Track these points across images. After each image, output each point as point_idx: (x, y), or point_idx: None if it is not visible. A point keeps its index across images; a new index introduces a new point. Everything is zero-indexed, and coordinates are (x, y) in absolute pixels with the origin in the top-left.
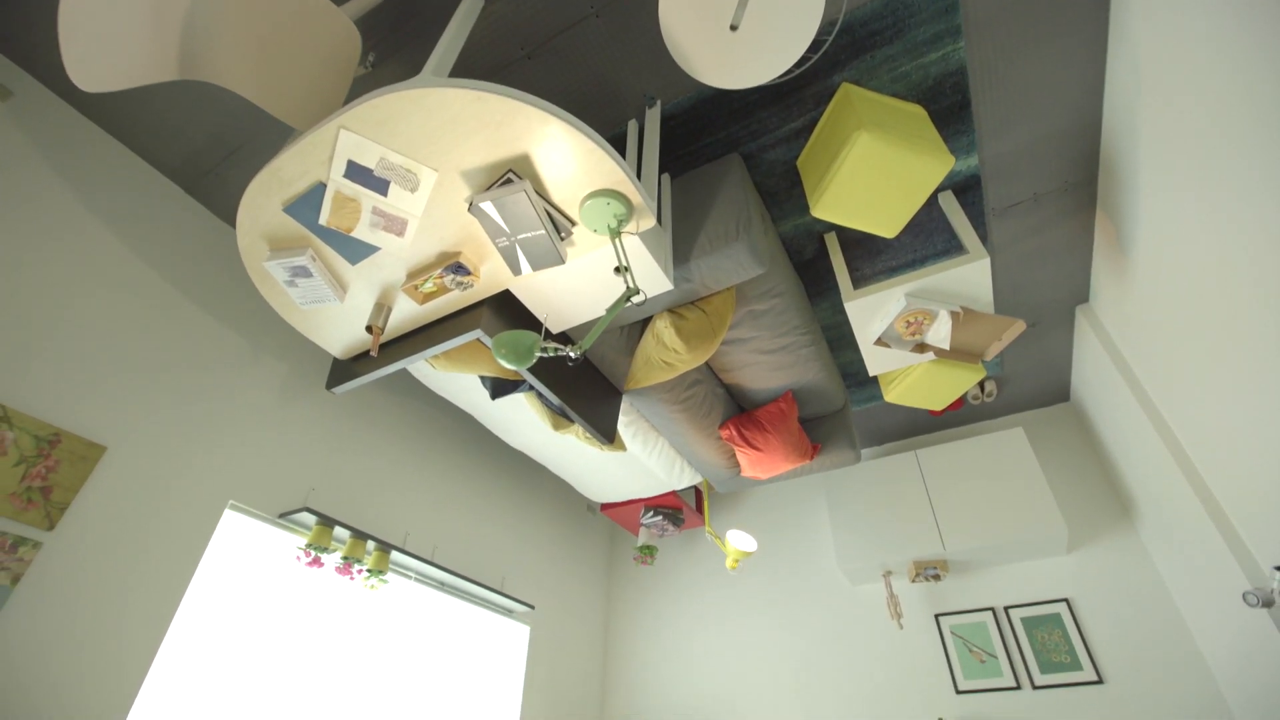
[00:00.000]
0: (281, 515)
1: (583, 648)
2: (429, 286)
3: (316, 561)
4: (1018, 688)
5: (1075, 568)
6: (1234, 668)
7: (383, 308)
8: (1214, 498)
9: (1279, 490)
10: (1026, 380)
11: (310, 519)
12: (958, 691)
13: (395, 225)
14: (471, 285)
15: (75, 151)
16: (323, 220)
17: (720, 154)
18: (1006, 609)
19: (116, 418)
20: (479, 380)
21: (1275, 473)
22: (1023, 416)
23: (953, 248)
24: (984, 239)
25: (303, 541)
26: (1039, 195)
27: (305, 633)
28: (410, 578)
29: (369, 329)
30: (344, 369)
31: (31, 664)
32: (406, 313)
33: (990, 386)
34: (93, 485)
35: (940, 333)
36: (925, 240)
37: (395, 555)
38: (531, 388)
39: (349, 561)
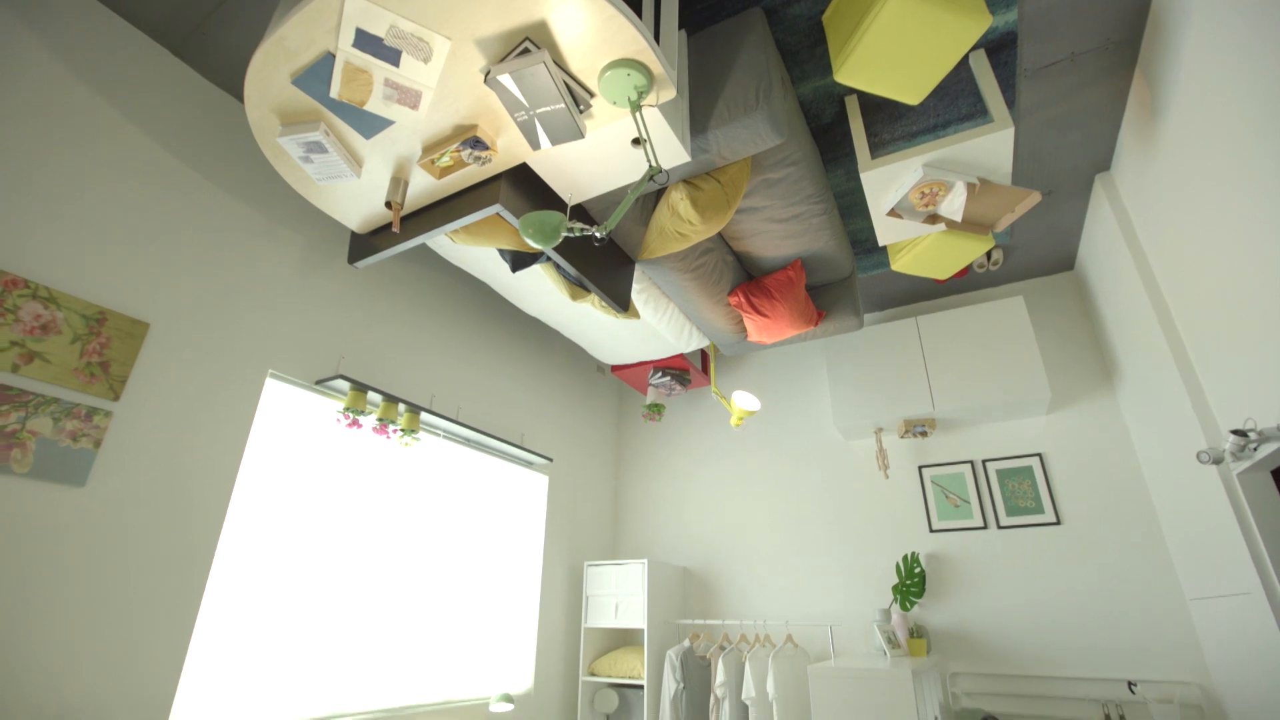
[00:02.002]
0: (318, 382)
1: (596, 495)
2: (446, 161)
3: (355, 423)
4: (985, 527)
5: (1053, 426)
6: (1178, 516)
7: (399, 182)
8: (1191, 366)
9: (1252, 363)
10: (1034, 248)
11: (344, 385)
12: (931, 530)
13: (409, 98)
14: (489, 160)
15: (50, 9)
16: (334, 93)
17: (741, 8)
18: (984, 462)
19: (155, 295)
20: (496, 251)
21: (1252, 348)
22: (1025, 284)
23: (977, 112)
24: (1011, 103)
25: (340, 406)
26: (1077, 55)
27: (352, 487)
28: (439, 435)
29: (388, 205)
30: (363, 243)
31: (124, 516)
32: (423, 187)
33: (997, 255)
34: (145, 359)
35: (954, 204)
36: (949, 104)
37: (424, 416)
38: (549, 258)
39: (384, 423)
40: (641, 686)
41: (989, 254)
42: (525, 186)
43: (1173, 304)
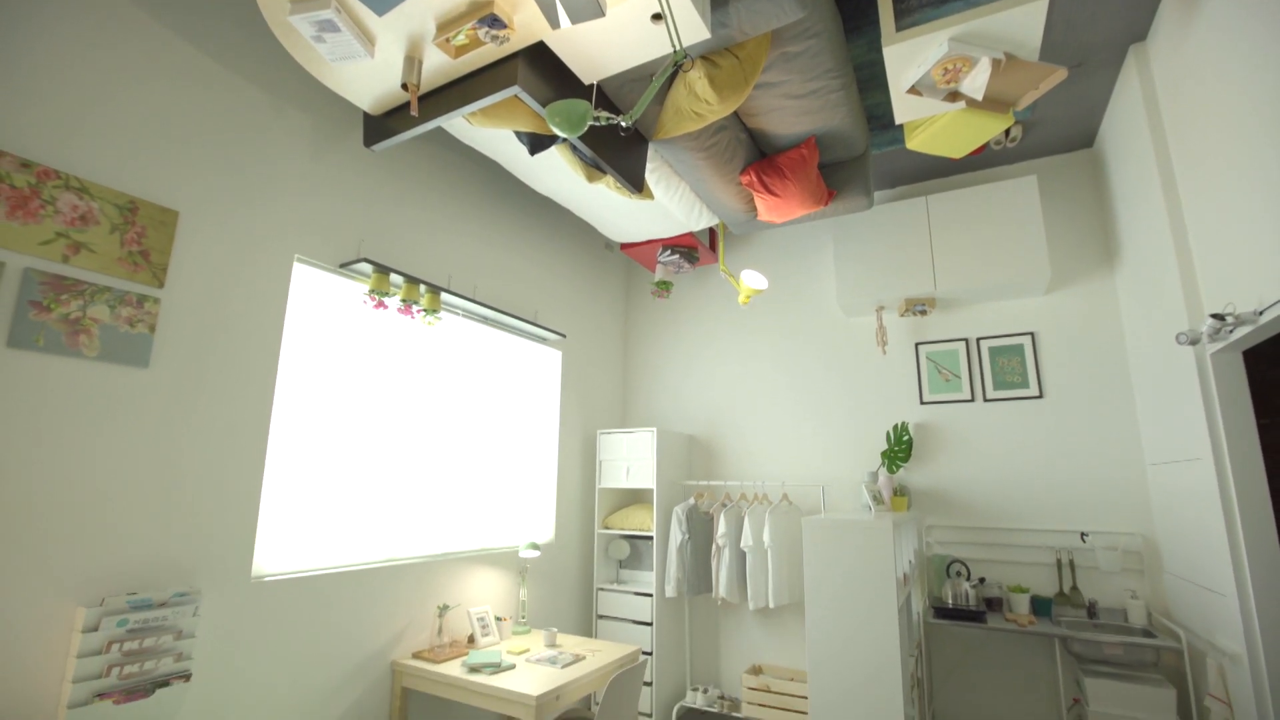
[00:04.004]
0: (342, 265)
1: (607, 368)
2: (461, 40)
3: (381, 304)
4: (971, 400)
5: (1048, 306)
6: (1152, 392)
7: (414, 62)
8: (1190, 250)
9: (1247, 250)
10: (1055, 124)
11: (368, 267)
12: (922, 402)
13: None
14: (506, 40)
15: None
16: None
17: None
18: (978, 340)
19: (179, 181)
20: (513, 133)
21: (1249, 235)
22: (1042, 162)
23: None
24: None
25: (365, 288)
26: None
27: (386, 364)
28: (458, 314)
29: (405, 86)
30: (378, 125)
31: (188, 392)
32: (438, 67)
33: (1016, 132)
34: (180, 246)
35: (977, 81)
36: None
37: (444, 296)
38: (564, 139)
39: (407, 303)
40: (651, 537)
41: (1007, 131)
42: (542, 66)
43: (1182, 186)
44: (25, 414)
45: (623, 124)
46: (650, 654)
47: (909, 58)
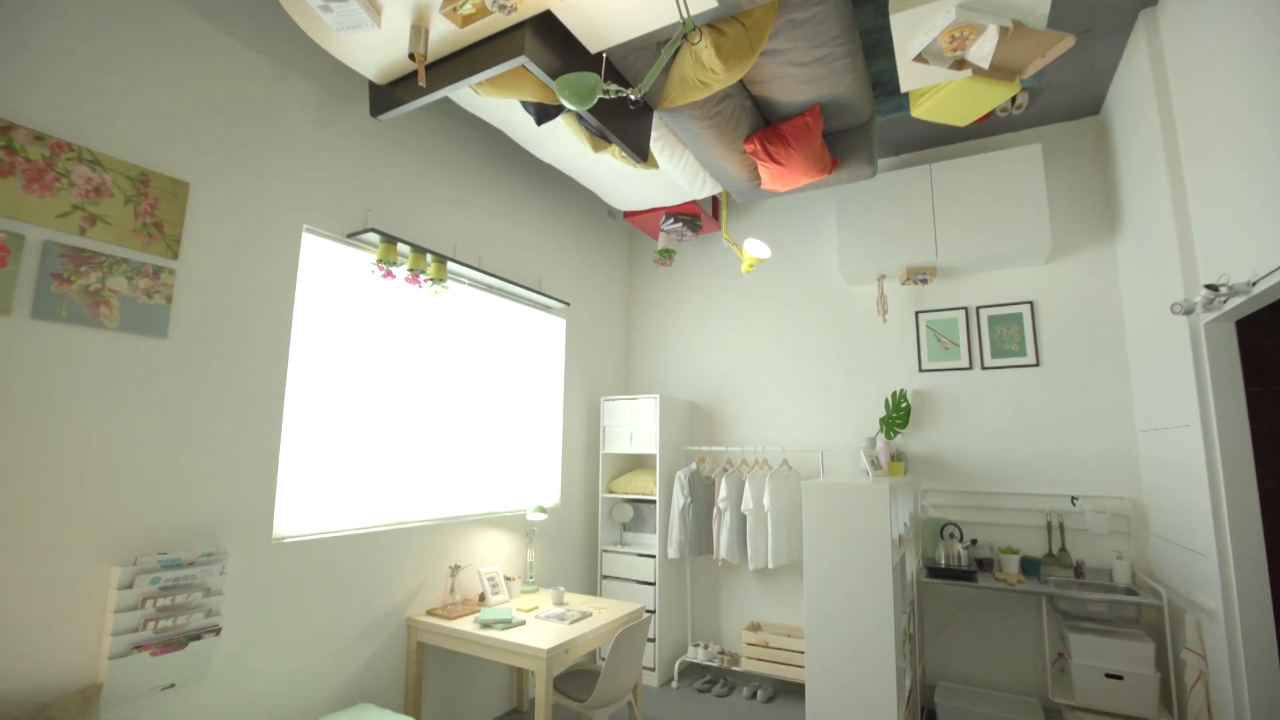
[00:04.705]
0: (350, 235)
1: (610, 336)
2: (468, 9)
3: (389, 274)
4: (970, 368)
5: (1048, 275)
6: (1146, 360)
7: (420, 31)
8: (1189, 221)
9: (1245, 221)
10: (1063, 91)
11: (375, 237)
12: (920, 370)
13: None
14: (514, 9)
15: None
16: None
17: None
18: (978, 308)
19: (188, 153)
20: (519, 102)
21: (1248, 206)
22: (1047, 130)
23: None
24: None
25: (373, 258)
26: None
27: (395, 333)
28: (465, 283)
29: (411, 56)
30: (384, 95)
31: (206, 361)
32: (444, 35)
33: (1022, 99)
34: (192, 218)
35: (983, 49)
36: None
37: (450, 265)
38: (571, 109)
39: (415, 272)
40: (654, 501)
41: (1013, 98)
42: (549, 35)
43: (1186, 155)
44: (53, 383)
45: (632, 96)
46: (653, 612)
47: (916, 24)
